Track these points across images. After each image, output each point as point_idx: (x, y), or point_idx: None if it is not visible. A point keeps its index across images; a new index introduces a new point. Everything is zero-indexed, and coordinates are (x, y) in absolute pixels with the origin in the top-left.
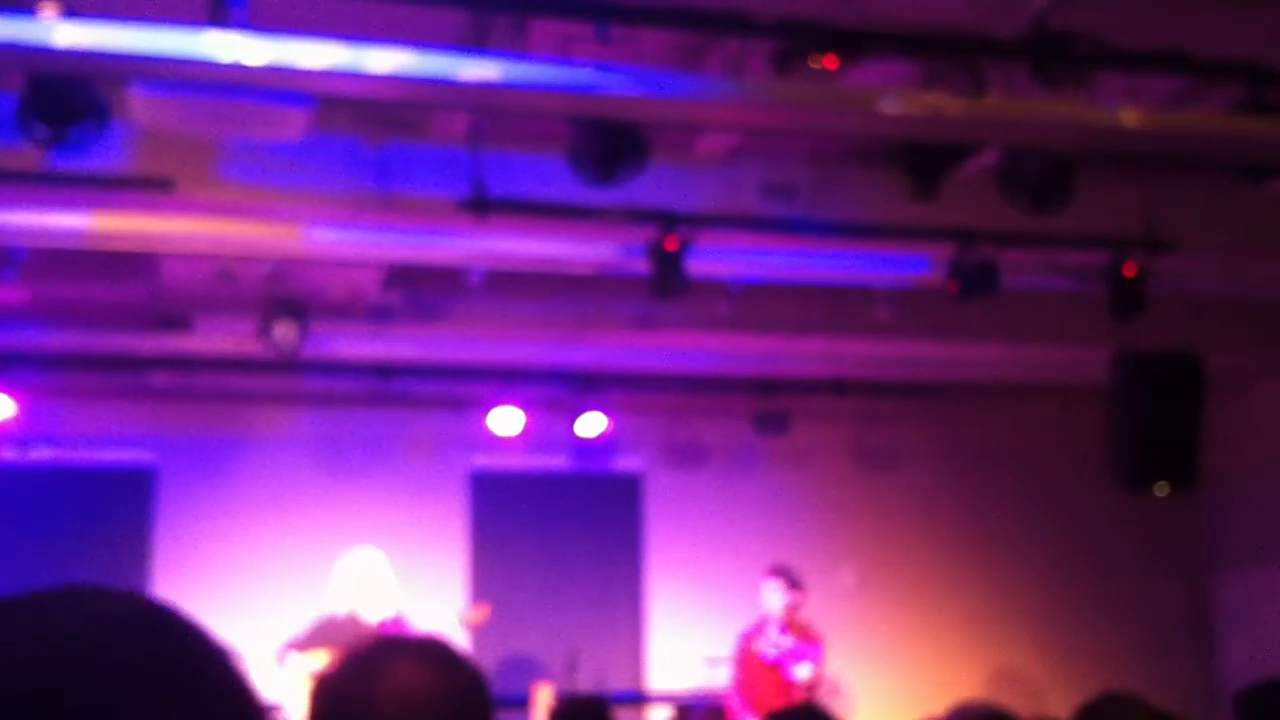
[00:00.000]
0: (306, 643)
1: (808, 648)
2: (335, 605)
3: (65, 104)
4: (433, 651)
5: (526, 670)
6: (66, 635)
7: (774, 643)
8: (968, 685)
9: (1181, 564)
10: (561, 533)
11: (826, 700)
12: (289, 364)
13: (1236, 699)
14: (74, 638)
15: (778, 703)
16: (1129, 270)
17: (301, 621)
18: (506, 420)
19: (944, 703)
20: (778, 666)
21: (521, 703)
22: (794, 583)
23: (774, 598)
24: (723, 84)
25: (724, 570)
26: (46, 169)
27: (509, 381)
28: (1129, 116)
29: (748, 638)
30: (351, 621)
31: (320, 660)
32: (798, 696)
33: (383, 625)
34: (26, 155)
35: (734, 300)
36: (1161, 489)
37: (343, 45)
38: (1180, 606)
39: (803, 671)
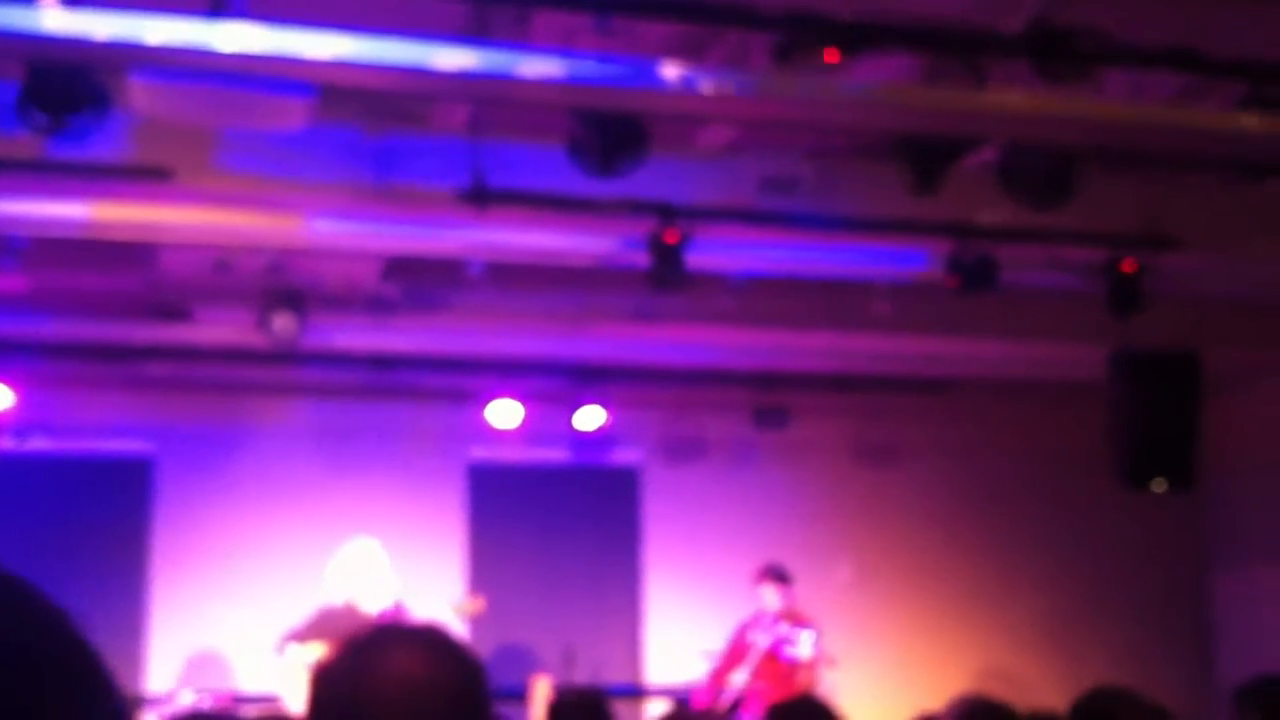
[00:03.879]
0: (305, 634)
1: (803, 630)
2: (332, 596)
3: (65, 92)
4: (431, 639)
5: (524, 663)
6: None
7: (769, 630)
8: (964, 680)
9: (1181, 561)
10: (559, 525)
11: (824, 692)
12: (287, 355)
13: (1236, 694)
14: None
15: (777, 687)
16: (1127, 266)
17: (300, 613)
18: (505, 412)
19: (941, 698)
20: (774, 652)
21: (519, 695)
22: (784, 578)
23: (771, 598)
24: (725, 77)
25: (722, 564)
26: (45, 158)
27: (507, 374)
28: (1132, 113)
29: (745, 628)
30: (349, 612)
31: (318, 651)
32: (799, 679)
33: (381, 615)
34: (25, 144)
35: (734, 294)
36: (1159, 485)
37: (343, 35)
38: (1180, 603)
39: (804, 647)
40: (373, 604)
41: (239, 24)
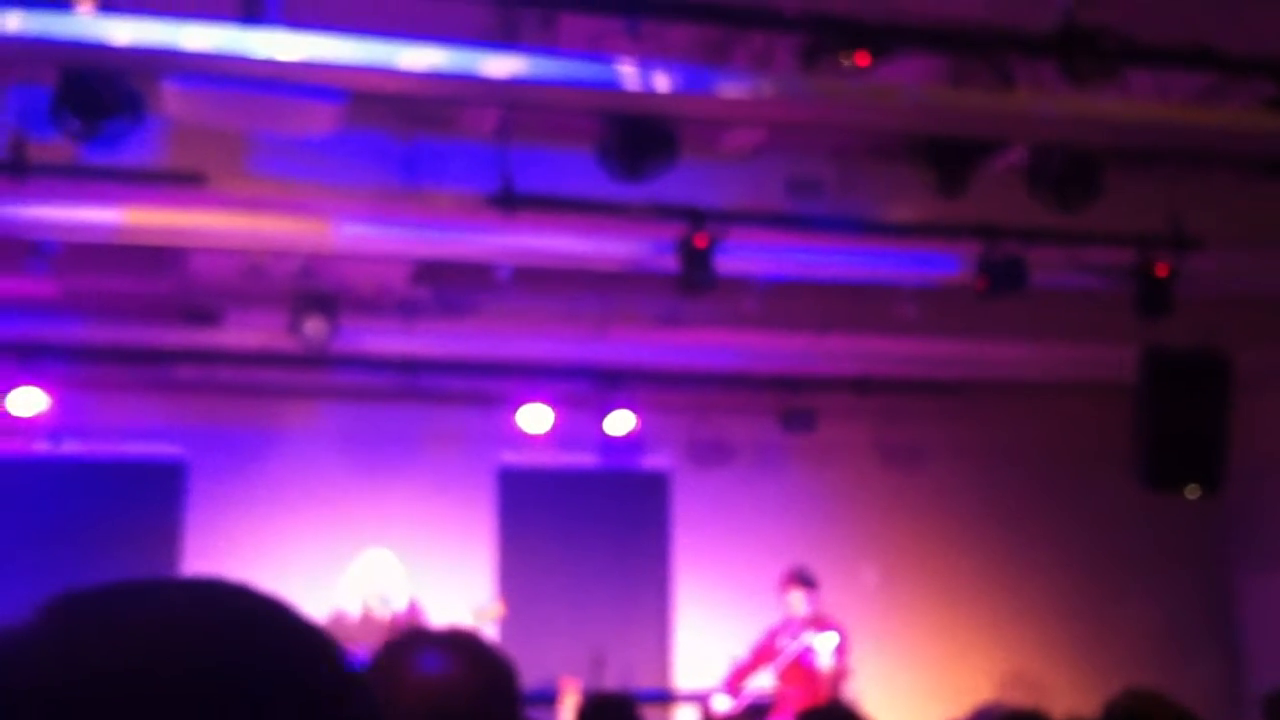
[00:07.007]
0: None
1: (824, 633)
2: (347, 603)
3: (99, 98)
4: (461, 642)
5: (553, 667)
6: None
7: (797, 636)
8: (989, 685)
9: (1206, 563)
10: (588, 530)
11: (850, 696)
12: (318, 358)
13: (1266, 701)
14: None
15: (804, 692)
16: (1160, 270)
17: (317, 618)
18: (534, 417)
19: (965, 702)
20: (801, 658)
21: (548, 700)
22: (810, 582)
23: (798, 603)
24: (750, 79)
25: (751, 568)
26: (79, 163)
27: (536, 378)
28: (1157, 113)
29: (774, 633)
30: (364, 618)
31: None
32: (826, 685)
33: (395, 618)
34: (60, 149)
35: (760, 297)
36: (1193, 492)
37: (373, 41)
38: (1204, 607)
39: (825, 652)
40: (386, 609)
41: (270, 30)
